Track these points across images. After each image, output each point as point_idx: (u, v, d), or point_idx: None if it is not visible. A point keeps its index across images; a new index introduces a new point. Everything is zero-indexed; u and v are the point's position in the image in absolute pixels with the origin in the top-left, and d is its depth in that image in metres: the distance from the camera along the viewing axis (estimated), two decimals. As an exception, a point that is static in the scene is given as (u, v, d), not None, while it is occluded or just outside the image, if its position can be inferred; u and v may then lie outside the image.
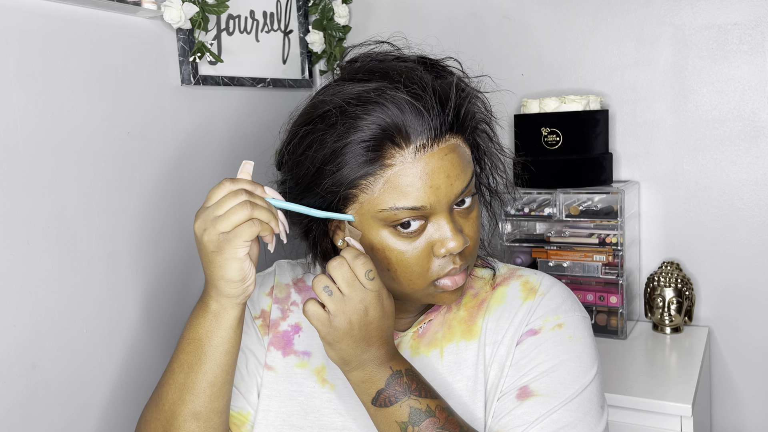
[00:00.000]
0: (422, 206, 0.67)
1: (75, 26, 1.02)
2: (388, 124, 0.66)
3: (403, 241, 0.69)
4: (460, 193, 0.69)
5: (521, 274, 0.82)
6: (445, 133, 0.68)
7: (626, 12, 1.49)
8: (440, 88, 0.69)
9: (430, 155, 0.67)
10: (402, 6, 1.68)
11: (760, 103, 1.40)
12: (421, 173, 0.66)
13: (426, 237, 0.69)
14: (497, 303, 0.80)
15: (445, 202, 0.68)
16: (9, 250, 0.92)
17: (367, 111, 0.66)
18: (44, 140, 0.97)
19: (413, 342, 0.80)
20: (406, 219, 0.67)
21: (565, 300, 0.78)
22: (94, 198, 1.05)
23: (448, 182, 0.67)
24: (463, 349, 0.78)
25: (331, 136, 0.68)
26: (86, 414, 1.04)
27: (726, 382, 1.50)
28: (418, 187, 0.66)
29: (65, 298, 1.00)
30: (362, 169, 0.67)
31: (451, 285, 0.71)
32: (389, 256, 0.70)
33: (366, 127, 0.66)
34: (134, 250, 1.13)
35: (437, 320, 0.81)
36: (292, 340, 0.83)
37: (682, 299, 1.44)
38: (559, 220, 1.45)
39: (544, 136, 1.42)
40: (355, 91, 0.68)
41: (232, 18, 1.34)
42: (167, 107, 1.20)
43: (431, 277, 0.71)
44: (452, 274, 0.71)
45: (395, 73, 0.69)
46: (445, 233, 0.68)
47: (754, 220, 1.43)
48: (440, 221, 0.69)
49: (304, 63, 1.59)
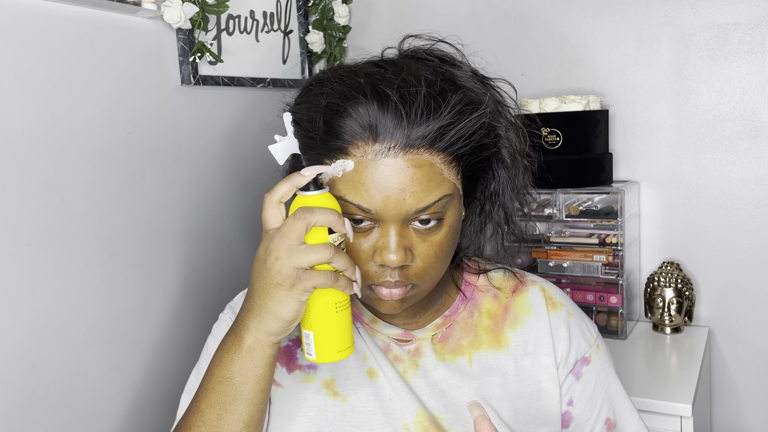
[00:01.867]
0: (367, 209, 0.64)
1: (75, 26, 1.02)
2: (361, 114, 0.63)
3: (354, 233, 0.66)
4: (415, 212, 0.64)
5: (534, 279, 0.84)
6: (420, 147, 0.63)
7: (626, 12, 1.49)
8: (440, 101, 0.64)
9: (391, 162, 0.63)
10: (402, 6, 1.68)
11: (760, 103, 1.40)
12: (374, 176, 0.63)
13: (372, 239, 0.66)
14: (525, 313, 0.80)
15: (394, 214, 0.64)
16: (9, 250, 0.92)
17: (353, 95, 0.64)
18: (44, 140, 0.97)
19: (436, 347, 0.78)
20: (355, 215, 0.65)
21: (582, 315, 0.85)
22: (94, 198, 1.05)
23: (401, 196, 0.63)
24: (492, 358, 0.78)
25: (321, 105, 0.66)
26: (86, 414, 1.04)
27: (726, 382, 1.50)
28: (368, 188, 0.63)
29: (65, 298, 1.00)
30: (326, 148, 0.65)
31: (385, 295, 0.68)
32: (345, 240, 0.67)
33: (346, 111, 0.64)
34: (134, 250, 1.13)
35: (458, 326, 0.79)
36: (295, 354, 0.79)
37: (682, 299, 1.44)
38: (559, 220, 1.45)
39: (544, 136, 1.42)
40: (361, 72, 0.67)
41: (232, 18, 1.34)
42: (167, 107, 1.20)
43: (368, 280, 0.68)
44: (387, 286, 0.68)
45: (406, 70, 0.67)
46: (386, 244, 0.65)
47: (754, 220, 1.43)
48: (386, 230, 0.65)
49: (304, 63, 1.59)
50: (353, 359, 0.78)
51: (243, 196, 1.40)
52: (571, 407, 0.80)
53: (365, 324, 0.79)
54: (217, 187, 1.33)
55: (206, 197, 1.30)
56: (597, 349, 0.82)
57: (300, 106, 0.70)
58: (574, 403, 0.80)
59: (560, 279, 1.46)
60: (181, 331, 1.23)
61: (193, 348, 1.23)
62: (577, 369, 0.80)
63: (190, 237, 1.26)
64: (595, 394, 0.80)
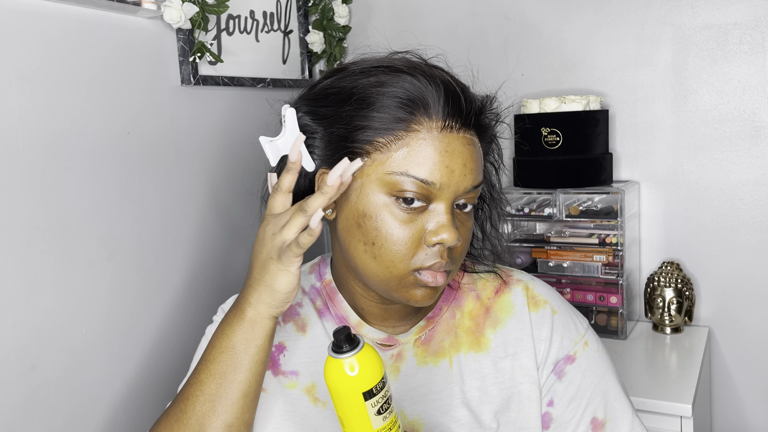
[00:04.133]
0: (432, 182, 0.65)
1: (75, 26, 1.02)
2: (427, 90, 0.66)
3: (399, 215, 0.66)
4: (470, 189, 0.68)
5: (519, 278, 0.82)
6: (471, 127, 0.69)
7: (626, 12, 1.49)
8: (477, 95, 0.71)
9: (455, 137, 0.67)
10: (402, 6, 1.68)
11: (760, 103, 1.40)
12: (442, 150, 0.66)
13: (422, 221, 0.67)
14: (506, 314, 0.79)
15: (453, 189, 0.67)
16: (9, 250, 0.92)
17: (412, 73, 0.67)
18: (44, 140, 0.97)
19: (418, 350, 0.77)
20: (410, 193, 0.66)
21: (571, 311, 0.82)
22: (94, 198, 1.05)
23: (464, 171, 0.67)
24: (471, 360, 0.77)
25: (367, 82, 0.67)
26: (86, 414, 1.04)
27: (726, 382, 1.50)
28: (436, 161, 0.65)
29: (65, 298, 1.00)
30: (388, 125, 0.66)
31: (431, 281, 0.68)
32: (379, 227, 0.67)
33: (405, 86, 0.66)
34: (134, 250, 1.13)
35: (441, 327, 0.78)
36: (278, 360, 0.79)
37: (682, 299, 1.44)
38: (559, 220, 1.45)
39: (544, 136, 1.42)
40: (406, 59, 0.70)
41: (232, 18, 1.34)
42: (167, 107, 1.20)
43: (413, 266, 0.67)
44: (435, 269, 0.68)
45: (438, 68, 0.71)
46: (443, 222, 0.66)
47: (754, 220, 1.43)
48: (441, 209, 0.67)
49: (304, 63, 1.59)
50: None
51: (243, 195, 1.40)
52: (551, 408, 0.77)
53: (351, 327, 0.78)
54: (217, 187, 1.33)
55: (206, 197, 1.30)
56: (585, 347, 0.79)
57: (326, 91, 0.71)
58: (554, 403, 0.77)
59: (560, 279, 1.46)
60: (180, 331, 1.23)
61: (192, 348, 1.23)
62: (559, 368, 0.77)
63: (189, 237, 1.26)
64: (579, 393, 0.77)
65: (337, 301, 0.80)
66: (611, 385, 0.78)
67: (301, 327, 0.80)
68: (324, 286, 0.82)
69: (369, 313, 0.77)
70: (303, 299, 0.82)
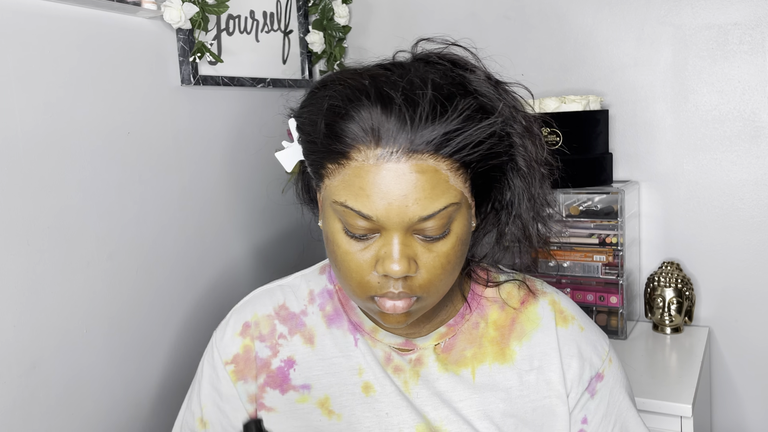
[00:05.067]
0: (368, 215, 0.61)
1: (75, 26, 1.02)
2: (363, 117, 0.61)
3: (351, 242, 0.64)
4: (419, 220, 0.61)
5: (544, 290, 0.81)
6: (425, 152, 0.60)
7: (626, 12, 1.49)
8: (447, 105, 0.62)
9: (393, 167, 0.60)
10: (402, 6, 1.68)
11: (760, 103, 1.40)
12: (376, 181, 0.60)
13: (375, 248, 0.63)
14: (532, 326, 0.77)
15: (396, 222, 0.61)
16: (9, 250, 0.92)
17: (356, 96, 0.62)
18: (44, 140, 0.97)
19: (439, 357, 0.75)
20: (353, 227, 0.62)
21: (594, 327, 0.81)
22: (94, 198, 1.05)
23: (404, 203, 0.60)
24: (496, 371, 0.75)
25: (321, 106, 0.64)
26: (86, 414, 1.04)
27: (726, 382, 1.50)
28: (369, 195, 0.61)
29: (65, 298, 1.00)
30: (327, 152, 0.63)
31: (388, 308, 0.65)
32: (336, 251, 0.65)
33: (345, 112, 0.62)
34: (134, 250, 1.13)
35: (462, 336, 0.76)
36: (288, 375, 0.77)
37: (682, 299, 1.44)
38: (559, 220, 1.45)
39: (544, 136, 1.42)
40: (366, 74, 0.65)
41: (232, 18, 1.34)
42: (167, 107, 1.20)
43: (370, 292, 0.65)
44: (390, 298, 0.64)
45: (414, 72, 0.64)
46: (389, 253, 0.62)
47: (754, 220, 1.43)
48: (389, 239, 0.62)
49: (304, 63, 1.59)
50: (347, 375, 0.75)
51: (243, 196, 1.40)
52: (586, 425, 0.76)
53: (366, 333, 0.77)
54: (217, 187, 1.33)
55: (206, 197, 1.30)
56: (609, 363, 0.79)
57: (303, 110, 0.69)
58: (588, 420, 0.76)
59: (560, 279, 1.46)
60: (180, 331, 1.23)
61: (192, 348, 1.23)
62: (592, 386, 0.77)
63: (189, 237, 1.26)
64: (609, 411, 0.77)
65: (351, 307, 0.78)
66: (629, 396, 0.80)
67: (309, 339, 0.78)
68: (338, 289, 0.80)
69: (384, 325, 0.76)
70: (309, 307, 0.80)
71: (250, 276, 1.42)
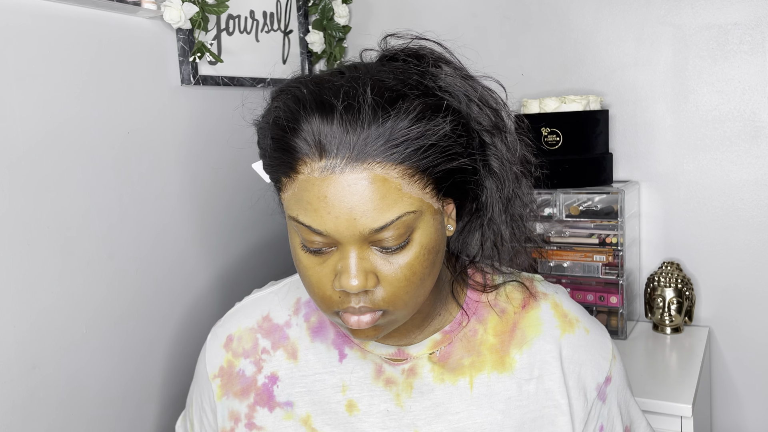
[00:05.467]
0: (318, 230, 0.58)
1: (75, 26, 1.02)
2: (305, 129, 0.58)
3: (309, 257, 0.61)
4: (370, 233, 0.58)
5: (544, 291, 0.77)
6: (371, 160, 0.56)
7: (626, 12, 1.49)
8: (389, 108, 0.57)
9: (338, 178, 0.56)
10: (402, 6, 1.68)
11: (760, 103, 1.40)
12: (321, 195, 0.57)
13: (333, 262, 0.60)
14: (534, 333, 0.73)
15: (347, 236, 0.58)
16: (9, 250, 0.92)
17: (295, 109, 0.59)
18: (44, 140, 0.97)
19: (434, 367, 0.72)
20: (307, 241, 0.60)
21: (596, 325, 0.78)
22: (94, 198, 1.05)
23: (350, 216, 0.57)
24: (495, 381, 0.72)
25: (271, 115, 0.62)
26: (86, 414, 1.04)
27: (726, 382, 1.50)
28: (316, 209, 0.58)
29: (65, 298, 1.00)
30: (280, 167, 0.61)
31: (353, 323, 0.62)
32: (298, 266, 0.63)
33: (288, 125, 0.59)
34: (134, 250, 1.13)
35: (460, 344, 0.73)
36: (272, 392, 0.74)
37: (683, 299, 1.44)
38: (559, 220, 1.45)
39: (544, 136, 1.42)
40: (311, 82, 0.61)
41: (232, 18, 1.34)
42: (167, 107, 1.20)
43: (333, 307, 0.62)
44: (353, 313, 0.61)
45: (364, 74, 0.61)
46: (345, 268, 0.59)
47: (754, 220, 1.43)
48: (345, 253, 0.59)
49: (304, 63, 1.59)
50: (331, 392, 0.73)
51: (243, 195, 1.40)
52: None
53: (354, 344, 0.74)
54: (217, 187, 1.33)
55: (206, 197, 1.30)
56: (614, 360, 0.77)
57: (261, 121, 0.66)
58: (605, 427, 0.74)
59: (560, 279, 1.46)
60: (180, 331, 1.23)
61: (192, 348, 1.23)
62: (602, 392, 0.75)
63: (189, 236, 1.26)
64: (619, 411, 0.77)
65: None
66: (629, 390, 0.80)
67: (292, 354, 0.76)
68: None
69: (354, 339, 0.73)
70: (293, 318, 0.77)
71: (250, 276, 1.42)
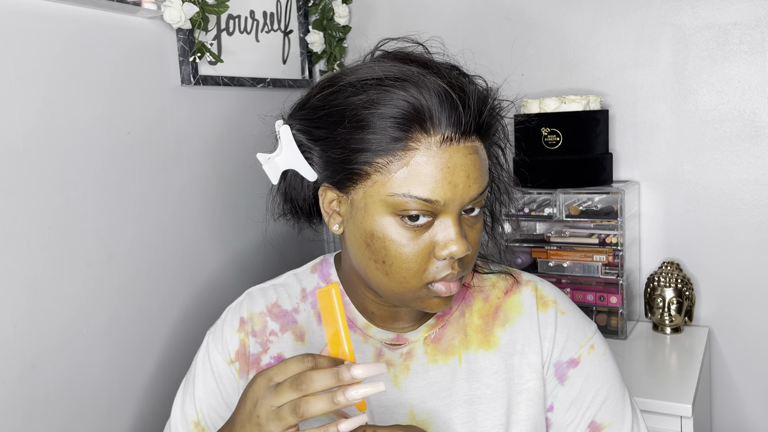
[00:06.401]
0: (436, 200, 0.64)
1: (75, 26, 1.02)
2: (421, 105, 0.63)
3: (406, 234, 0.65)
4: (476, 197, 0.66)
5: (528, 279, 0.82)
6: (473, 133, 0.66)
7: (626, 12, 1.49)
8: (477, 90, 0.67)
9: (455, 149, 0.64)
10: (402, 6, 1.68)
11: (760, 103, 1.40)
12: (443, 166, 0.63)
13: (430, 235, 0.66)
14: (515, 313, 0.79)
15: (458, 203, 0.65)
16: (9, 250, 0.92)
17: (404, 87, 0.63)
18: (44, 140, 0.97)
19: (428, 348, 0.77)
20: (415, 211, 0.64)
21: (578, 313, 0.81)
22: (94, 198, 1.05)
23: (467, 182, 0.65)
24: (481, 358, 0.77)
25: (359, 101, 0.65)
26: (86, 414, 1.04)
27: (726, 382, 1.50)
28: (438, 179, 0.63)
29: (65, 298, 1.00)
30: (385, 146, 0.64)
31: (444, 291, 0.68)
32: (388, 247, 0.66)
33: (398, 103, 0.63)
34: (134, 250, 1.13)
35: (451, 326, 0.78)
36: None
37: (682, 299, 1.44)
38: (559, 220, 1.45)
39: (544, 136, 1.42)
40: (396, 68, 0.65)
41: (232, 18, 1.34)
42: (167, 107, 1.20)
43: (426, 279, 0.67)
44: (448, 280, 0.67)
45: (435, 64, 0.67)
46: (450, 235, 0.65)
47: (754, 220, 1.43)
48: (447, 222, 0.65)
49: (304, 63, 1.59)
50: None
51: (243, 195, 1.40)
52: (551, 413, 0.77)
53: (358, 329, 0.78)
54: (217, 187, 1.33)
55: (206, 197, 1.30)
56: (590, 350, 0.79)
57: (319, 114, 0.67)
58: (554, 408, 0.77)
59: (560, 279, 1.46)
60: (180, 331, 1.23)
61: (192, 347, 1.23)
62: (561, 371, 0.77)
63: (189, 237, 1.26)
64: (580, 397, 0.77)
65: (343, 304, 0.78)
66: (615, 389, 0.78)
67: (300, 336, 0.79)
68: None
69: (378, 316, 0.77)
70: (301, 305, 0.81)
71: (250, 275, 1.42)
